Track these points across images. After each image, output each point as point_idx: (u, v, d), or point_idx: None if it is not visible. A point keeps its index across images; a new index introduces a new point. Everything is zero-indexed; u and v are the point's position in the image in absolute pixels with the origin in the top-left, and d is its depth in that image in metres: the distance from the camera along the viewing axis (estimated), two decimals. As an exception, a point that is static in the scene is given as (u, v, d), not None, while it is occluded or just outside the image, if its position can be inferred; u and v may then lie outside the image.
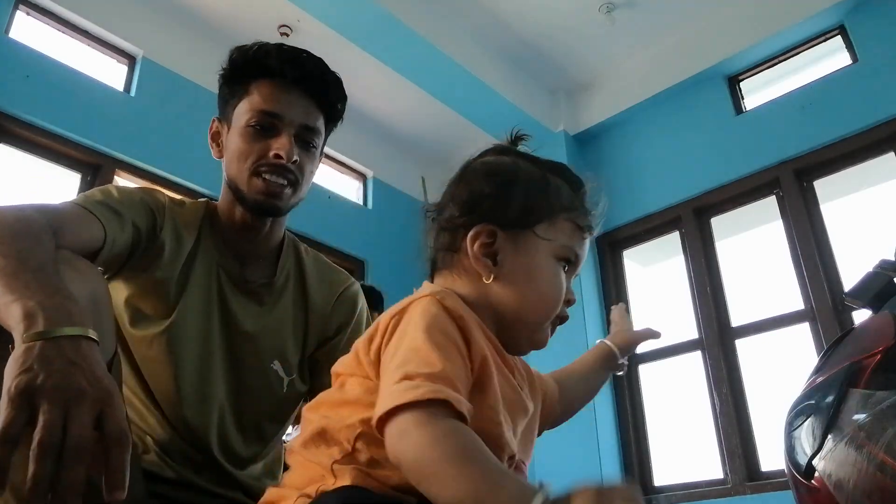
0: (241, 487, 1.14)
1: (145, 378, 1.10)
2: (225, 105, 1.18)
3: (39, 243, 0.81)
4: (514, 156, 0.85)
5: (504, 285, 0.77)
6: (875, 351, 0.84)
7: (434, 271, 0.83)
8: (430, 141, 4.73)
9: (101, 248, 0.98)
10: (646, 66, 4.02)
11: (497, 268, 0.77)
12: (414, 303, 0.73)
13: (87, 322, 0.70)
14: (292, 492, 0.71)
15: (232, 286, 1.16)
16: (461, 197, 0.81)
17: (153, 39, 3.60)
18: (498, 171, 0.82)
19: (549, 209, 0.79)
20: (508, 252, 0.78)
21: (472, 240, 0.78)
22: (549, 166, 0.84)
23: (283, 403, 1.19)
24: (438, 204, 0.84)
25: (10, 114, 2.99)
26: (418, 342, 0.66)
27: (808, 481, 0.85)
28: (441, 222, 0.82)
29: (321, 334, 1.23)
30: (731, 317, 3.49)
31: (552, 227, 0.79)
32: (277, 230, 1.21)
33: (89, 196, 1.04)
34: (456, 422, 0.61)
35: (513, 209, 0.78)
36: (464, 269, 0.79)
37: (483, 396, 0.70)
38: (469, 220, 0.79)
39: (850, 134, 3.23)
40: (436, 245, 0.83)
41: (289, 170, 1.12)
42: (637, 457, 3.59)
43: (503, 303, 0.78)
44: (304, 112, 1.15)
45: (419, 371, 0.63)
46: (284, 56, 1.14)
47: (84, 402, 0.62)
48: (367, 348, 0.73)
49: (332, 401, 0.75)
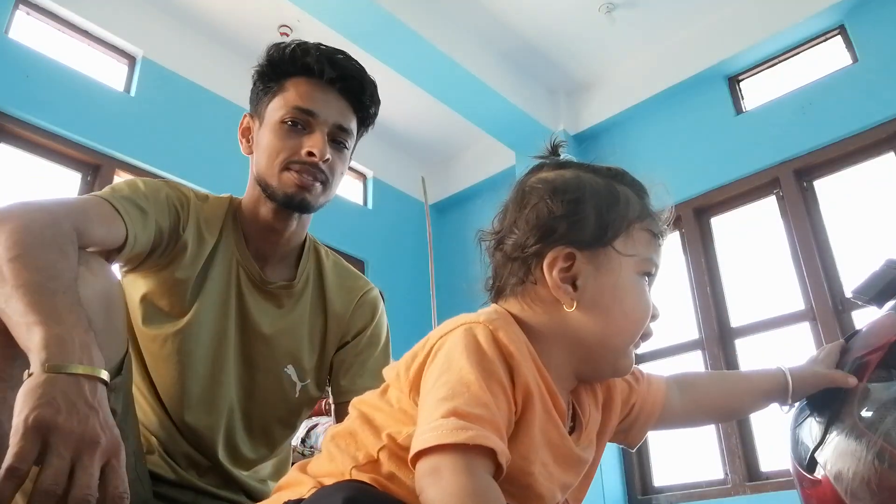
0: (245, 490, 1.13)
1: (152, 377, 1.10)
2: (258, 101, 1.16)
3: (65, 257, 0.79)
4: (574, 168, 0.79)
5: (587, 311, 0.71)
6: (878, 346, 0.85)
7: (499, 300, 0.76)
8: (430, 141, 4.73)
9: (122, 245, 0.97)
10: (646, 66, 4.02)
11: (578, 293, 0.71)
12: (464, 326, 0.68)
13: (102, 362, 0.69)
14: (310, 479, 0.71)
15: (251, 286, 1.15)
16: (529, 222, 0.73)
17: (153, 39, 3.60)
18: (564, 188, 0.75)
19: (623, 221, 0.73)
20: (590, 275, 0.71)
21: (549, 266, 0.71)
22: (610, 174, 0.78)
23: (294, 408, 1.18)
24: (498, 231, 0.77)
25: (10, 114, 2.99)
26: (468, 376, 0.62)
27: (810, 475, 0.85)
28: (508, 251, 0.75)
29: (339, 339, 1.21)
30: (731, 317, 3.49)
31: (630, 240, 0.73)
32: (300, 231, 1.19)
33: (116, 190, 1.02)
34: (492, 482, 0.58)
35: (588, 227, 0.72)
36: (538, 298, 0.73)
37: (515, 443, 0.66)
38: (543, 246, 0.72)
39: (850, 134, 3.23)
40: (502, 275, 0.75)
41: (320, 169, 1.10)
42: (637, 457, 3.59)
43: (586, 330, 0.71)
44: (338, 112, 1.13)
45: (470, 411, 0.60)
46: (324, 55, 1.13)
47: (96, 451, 0.61)
48: (409, 364, 0.69)
49: (371, 403, 0.73)
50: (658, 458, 3.59)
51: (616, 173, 0.78)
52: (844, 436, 0.81)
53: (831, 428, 0.83)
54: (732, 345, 3.44)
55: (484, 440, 0.58)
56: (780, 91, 3.56)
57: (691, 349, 3.57)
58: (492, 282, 0.78)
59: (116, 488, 0.62)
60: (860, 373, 0.85)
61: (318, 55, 1.12)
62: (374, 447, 0.68)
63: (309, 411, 1.23)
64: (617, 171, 0.79)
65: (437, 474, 0.58)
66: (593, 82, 4.27)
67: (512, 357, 0.66)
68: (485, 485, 0.58)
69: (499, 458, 0.59)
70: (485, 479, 0.58)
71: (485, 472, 0.59)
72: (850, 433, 0.80)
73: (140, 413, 1.09)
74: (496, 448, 0.59)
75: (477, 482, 0.57)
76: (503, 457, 0.59)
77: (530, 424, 0.67)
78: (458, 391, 0.62)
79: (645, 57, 4.04)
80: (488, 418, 0.60)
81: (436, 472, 0.58)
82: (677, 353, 3.62)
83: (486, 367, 0.64)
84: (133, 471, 0.97)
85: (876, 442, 0.76)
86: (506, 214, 0.78)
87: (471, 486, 0.57)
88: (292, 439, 1.28)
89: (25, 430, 0.58)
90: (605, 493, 3.41)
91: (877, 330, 0.90)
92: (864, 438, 0.78)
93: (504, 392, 0.64)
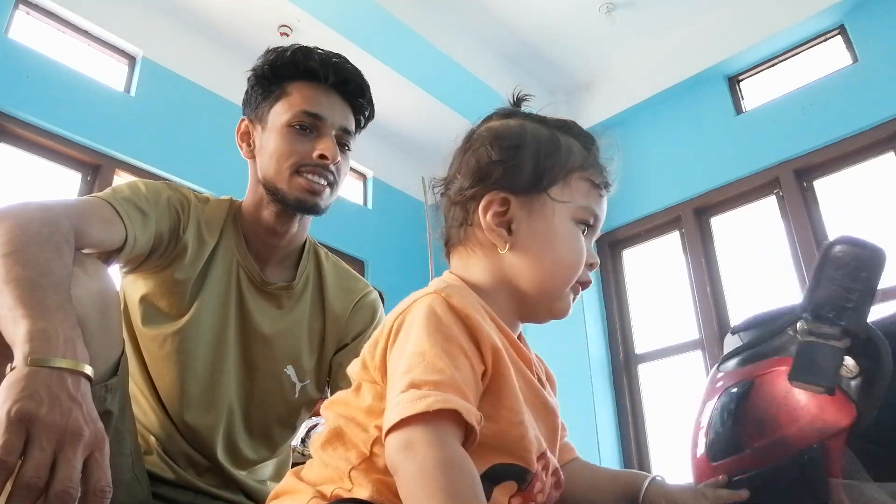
0: (244, 490, 1.13)
1: (152, 377, 1.10)
2: (257, 105, 1.17)
3: (60, 255, 0.80)
4: (521, 118, 0.81)
5: (521, 254, 0.73)
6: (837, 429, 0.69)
7: (449, 249, 0.79)
8: (430, 141, 4.73)
9: (122, 247, 0.98)
10: (646, 66, 4.02)
11: (512, 237, 0.73)
12: (417, 301, 0.69)
13: (86, 357, 0.69)
14: (308, 488, 0.70)
15: (251, 287, 1.15)
16: (469, 166, 0.76)
17: (153, 39, 3.60)
18: (505, 135, 0.77)
19: (562, 169, 0.75)
20: (523, 219, 0.73)
21: (484, 209, 0.74)
22: (557, 125, 0.79)
23: (293, 409, 1.18)
24: (446, 177, 0.80)
25: (10, 114, 2.99)
26: (423, 346, 0.63)
27: None
28: (451, 196, 0.78)
29: (338, 341, 1.21)
30: (731, 317, 3.49)
31: (567, 188, 0.74)
32: (301, 233, 1.20)
33: (117, 191, 1.03)
34: (464, 453, 0.58)
35: (524, 173, 0.74)
36: (478, 242, 0.75)
37: (499, 398, 0.66)
38: (479, 189, 0.74)
39: (850, 134, 3.23)
40: (447, 221, 0.78)
41: (330, 171, 1.12)
42: (637, 456, 3.59)
43: (521, 273, 0.73)
44: (342, 115, 1.16)
45: (426, 378, 0.60)
46: (325, 59, 1.14)
47: (79, 443, 0.61)
48: (372, 352, 0.70)
49: (347, 402, 0.72)
50: (658, 458, 3.58)
51: (563, 124, 0.80)
52: None
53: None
54: (732, 345, 3.43)
55: (444, 403, 0.58)
56: (780, 91, 3.56)
57: (691, 349, 3.57)
58: (442, 229, 0.79)
59: (99, 481, 0.61)
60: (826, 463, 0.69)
61: (320, 59, 1.13)
62: (365, 444, 0.67)
63: (308, 412, 1.23)
64: (565, 122, 0.81)
65: (410, 448, 0.57)
66: (593, 82, 4.27)
67: (469, 318, 0.66)
68: (457, 457, 0.57)
69: (465, 417, 0.58)
70: (456, 450, 0.58)
71: (455, 441, 0.58)
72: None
73: (139, 413, 1.09)
74: (459, 408, 0.58)
75: (448, 455, 0.57)
76: (471, 415, 0.59)
77: (506, 378, 0.67)
78: (413, 363, 0.62)
79: (645, 57, 4.03)
80: (447, 382, 0.60)
81: (408, 447, 0.58)
82: (677, 353, 3.63)
83: (442, 333, 0.64)
84: (131, 471, 0.97)
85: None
86: (452, 161, 0.80)
87: (443, 459, 0.56)
88: (292, 440, 1.28)
89: (8, 423, 0.58)
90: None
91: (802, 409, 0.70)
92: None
93: (464, 353, 0.64)
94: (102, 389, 0.86)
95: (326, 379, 1.22)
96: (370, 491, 0.65)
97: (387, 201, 4.64)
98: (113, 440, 0.74)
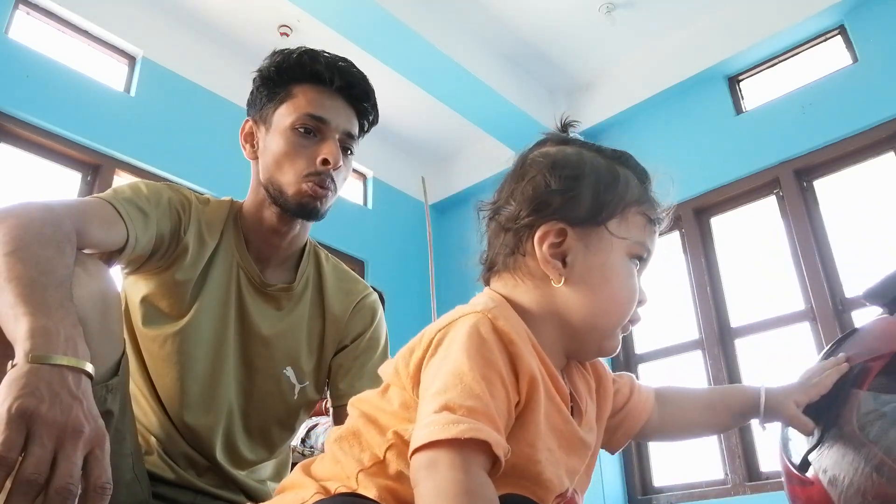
0: (244, 490, 1.13)
1: (152, 378, 1.10)
2: (262, 106, 1.17)
3: (62, 254, 0.80)
4: (577, 146, 0.78)
5: (574, 289, 0.71)
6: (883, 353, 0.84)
7: (491, 273, 0.76)
8: (430, 141, 4.73)
9: (123, 247, 0.98)
10: (646, 66, 4.02)
11: (567, 269, 0.71)
12: (462, 318, 0.67)
13: (87, 355, 0.69)
14: (312, 483, 0.70)
15: (251, 288, 1.15)
16: (525, 194, 0.73)
17: (153, 39, 3.60)
18: (564, 163, 0.74)
19: (620, 202, 0.73)
20: (580, 252, 0.71)
21: (540, 240, 0.71)
22: (614, 156, 0.77)
23: (292, 410, 1.18)
24: (495, 201, 0.77)
25: (10, 114, 2.99)
26: (462, 367, 0.61)
27: (802, 474, 0.85)
28: (501, 222, 0.75)
29: (337, 343, 1.21)
30: (730, 317, 3.49)
31: (624, 223, 0.73)
32: (302, 235, 1.20)
33: (119, 192, 1.03)
34: (486, 481, 0.57)
35: (583, 205, 0.72)
36: (529, 272, 0.73)
37: (523, 432, 0.65)
38: (536, 219, 0.72)
39: (850, 134, 3.23)
40: (495, 247, 0.75)
41: (331, 177, 1.12)
42: (637, 456, 3.59)
43: (574, 308, 0.71)
44: (346, 119, 1.15)
45: (461, 403, 0.59)
46: (331, 63, 1.14)
47: (79, 440, 0.61)
48: (407, 359, 0.68)
49: (371, 402, 0.72)
50: (658, 457, 3.59)
51: (620, 155, 0.78)
52: (842, 443, 0.80)
53: (828, 431, 0.83)
54: (732, 345, 3.44)
55: (476, 433, 0.57)
56: (780, 91, 3.56)
57: (691, 349, 3.57)
58: (486, 254, 0.78)
59: (99, 478, 0.61)
60: (861, 378, 0.83)
61: (326, 62, 1.13)
62: (380, 447, 0.67)
63: (308, 414, 1.23)
64: (622, 153, 0.79)
65: (433, 468, 0.57)
66: (593, 82, 4.27)
67: (513, 343, 0.65)
68: (478, 483, 0.56)
69: (494, 449, 0.58)
70: (479, 476, 0.57)
71: (480, 468, 0.58)
72: (849, 441, 0.79)
73: (140, 413, 1.09)
74: (490, 440, 0.57)
75: (471, 480, 0.56)
76: (499, 448, 0.58)
77: (535, 410, 0.66)
78: (450, 384, 0.61)
79: (645, 57, 4.03)
80: (481, 410, 0.59)
81: (432, 465, 0.57)
82: (677, 352, 3.63)
83: (483, 357, 0.63)
84: (131, 471, 0.97)
85: (876, 454, 0.75)
86: (504, 186, 0.77)
87: (465, 483, 0.55)
88: (291, 441, 1.28)
89: (9, 420, 0.58)
90: (605, 492, 3.41)
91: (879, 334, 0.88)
92: (863, 449, 0.77)
93: (502, 381, 0.63)
94: (103, 389, 0.86)
95: (326, 380, 1.22)
96: (374, 495, 0.65)
97: (387, 201, 4.64)
98: (113, 440, 0.74)
